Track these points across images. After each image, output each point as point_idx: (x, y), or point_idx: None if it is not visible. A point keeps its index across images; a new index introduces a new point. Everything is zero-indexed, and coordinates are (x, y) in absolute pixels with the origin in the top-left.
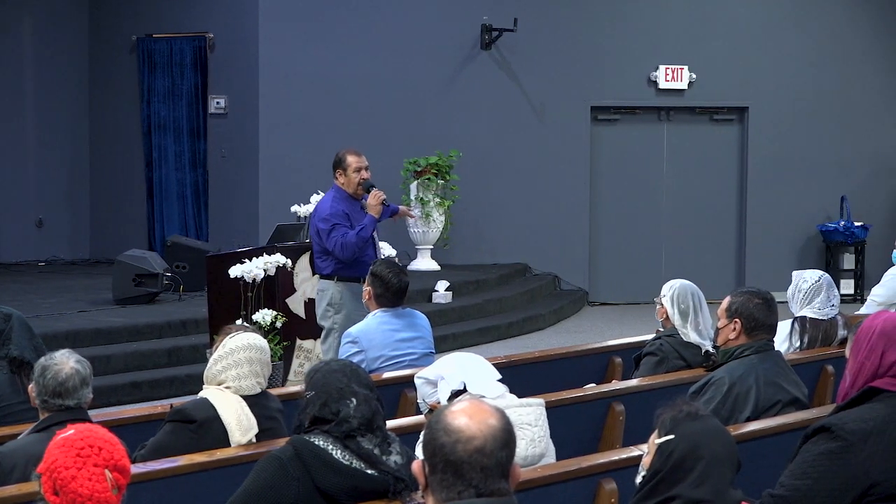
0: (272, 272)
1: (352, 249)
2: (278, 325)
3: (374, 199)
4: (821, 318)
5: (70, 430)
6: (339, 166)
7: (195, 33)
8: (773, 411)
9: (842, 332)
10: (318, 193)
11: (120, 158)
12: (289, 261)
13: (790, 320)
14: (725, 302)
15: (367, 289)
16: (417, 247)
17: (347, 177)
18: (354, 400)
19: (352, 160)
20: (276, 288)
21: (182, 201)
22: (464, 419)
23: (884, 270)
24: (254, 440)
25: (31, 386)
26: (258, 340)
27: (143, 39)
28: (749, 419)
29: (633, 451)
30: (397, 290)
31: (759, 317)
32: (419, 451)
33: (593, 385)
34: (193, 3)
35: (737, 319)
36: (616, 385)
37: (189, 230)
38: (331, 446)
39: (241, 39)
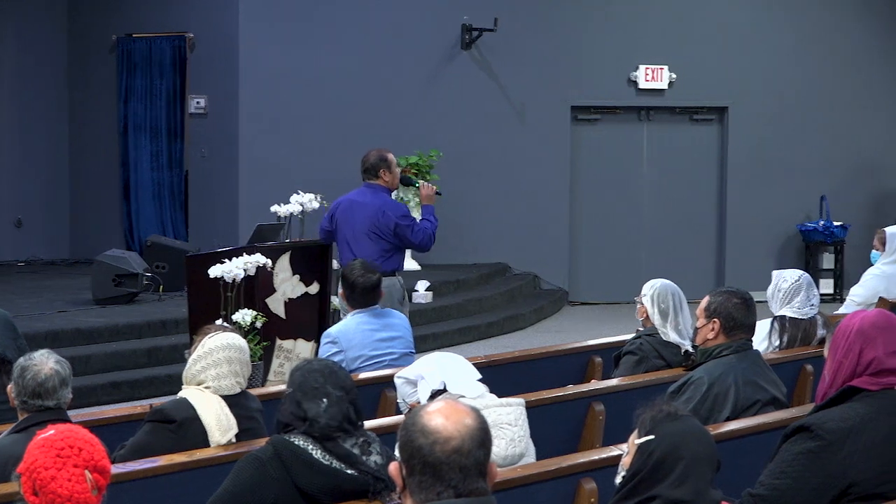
0: (252, 272)
1: (433, 239)
2: (258, 325)
3: (428, 189)
4: (800, 317)
5: (50, 431)
6: (382, 165)
7: (175, 33)
8: (752, 411)
9: (821, 332)
10: (299, 193)
11: (99, 158)
12: (269, 261)
13: (770, 319)
14: (704, 302)
15: (339, 291)
16: None
17: (392, 173)
18: (326, 401)
19: (393, 158)
20: (255, 288)
21: (159, 201)
22: (440, 420)
23: (863, 270)
24: (233, 440)
25: (10, 386)
26: (237, 340)
27: (123, 39)
28: (728, 419)
29: (613, 451)
30: (363, 290)
31: (737, 316)
32: (397, 453)
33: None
34: (173, 3)
35: (715, 319)
36: (596, 385)
37: (167, 230)
38: (311, 446)
39: (221, 39)
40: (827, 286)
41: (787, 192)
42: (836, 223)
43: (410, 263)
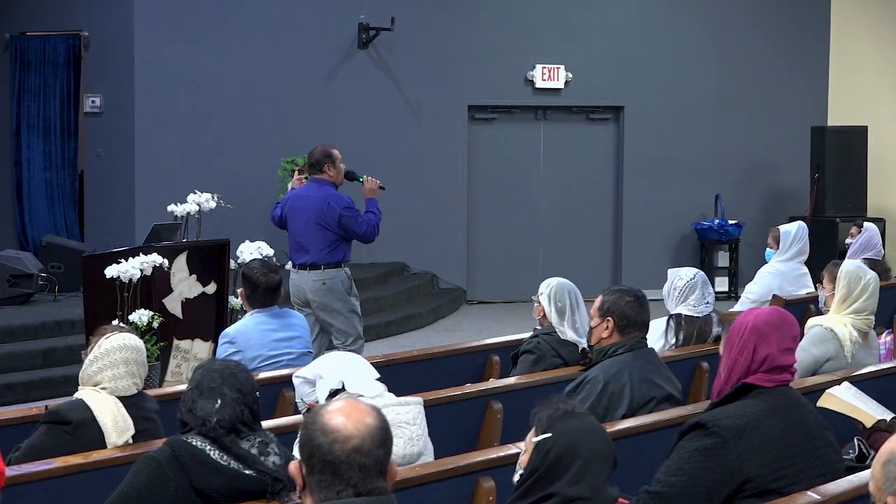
0: (149, 272)
1: (377, 229)
2: (155, 325)
3: (371, 184)
4: (696, 315)
5: None
6: (327, 160)
7: (70, 31)
8: (648, 408)
9: (716, 330)
10: (196, 193)
11: None
12: (165, 261)
13: (666, 318)
14: (598, 301)
15: (239, 290)
16: None
17: (337, 168)
18: (220, 401)
19: (338, 154)
20: (152, 288)
21: (52, 201)
22: (340, 419)
23: (757, 268)
24: (130, 441)
25: None
26: (134, 341)
27: (17, 37)
28: (624, 416)
29: (511, 449)
30: (266, 290)
31: (631, 315)
32: (296, 452)
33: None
34: (68, 1)
35: (609, 318)
36: (494, 383)
37: (60, 230)
38: (208, 447)
39: (116, 38)
40: (722, 284)
41: (683, 190)
42: (730, 221)
43: None
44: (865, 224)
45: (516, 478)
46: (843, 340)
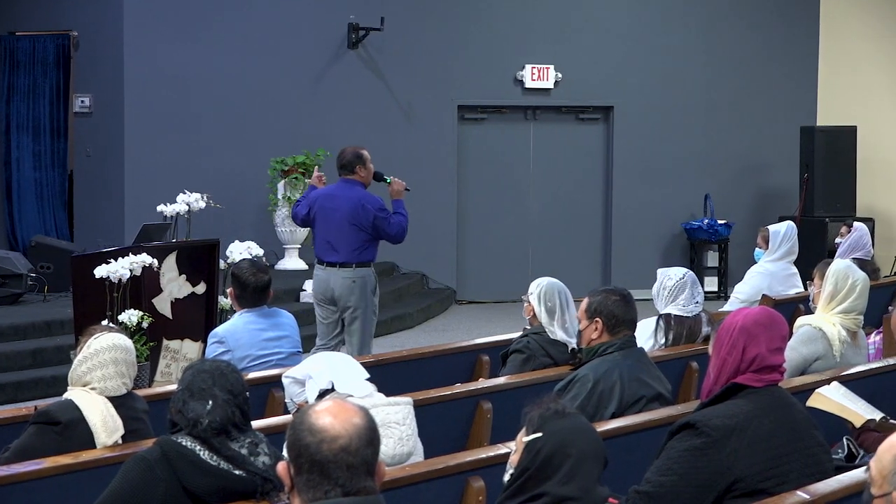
0: (138, 272)
1: (406, 231)
2: (144, 325)
3: (398, 185)
4: (685, 315)
5: None
6: (359, 162)
7: (59, 31)
8: (638, 407)
9: (706, 329)
10: (185, 193)
11: None
12: (155, 261)
13: (655, 318)
14: (584, 304)
15: (228, 290)
16: (285, 246)
17: (367, 169)
18: (211, 403)
19: (368, 155)
20: (142, 288)
21: (42, 201)
22: (328, 418)
23: (746, 268)
24: (120, 441)
25: None
26: (123, 341)
27: (6, 37)
28: (614, 414)
29: (501, 449)
30: (255, 290)
31: (619, 313)
32: (285, 452)
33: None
34: (57, 1)
35: (598, 319)
36: (483, 383)
37: (50, 230)
38: (198, 447)
39: (105, 38)
40: (711, 284)
41: (672, 190)
42: (720, 221)
43: (298, 263)
44: (855, 224)
45: (506, 477)
46: (832, 340)
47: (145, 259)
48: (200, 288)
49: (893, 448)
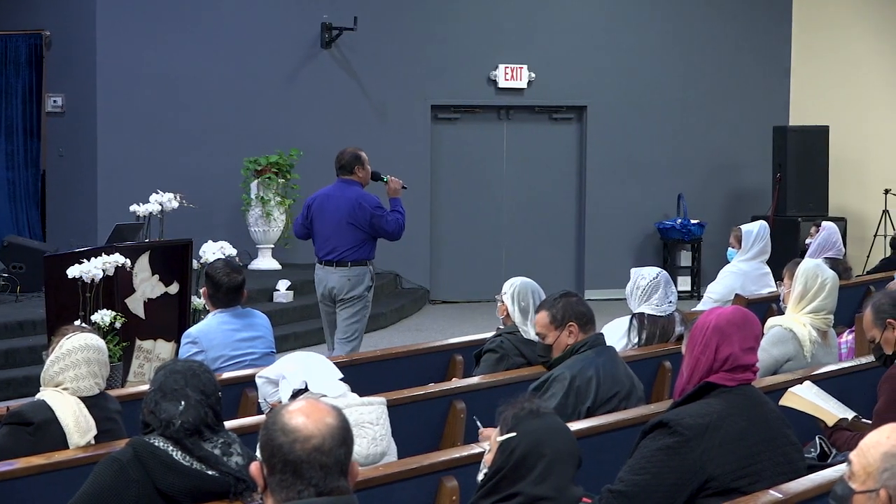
0: (111, 272)
1: (403, 228)
2: (117, 325)
3: (395, 184)
4: (659, 314)
5: None
6: (357, 162)
7: (31, 31)
8: (612, 403)
9: (679, 329)
10: (158, 193)
11: None
12: (128, 261)
13: (628, 317)
14: (545, 317)
15: (202, 290)
16: (258, 246)
17: (365, 169)
18: (184, 403)
19: (365, 156)
20: (115, 288)
21: (14, 201)
22: (301, 418)
23: (719, 267)
24: (92, 441)
25: None
26: (96, 341)
27: None
28: (590, 409)
29: (475, 449)
30: (228, 290)
31: (584, 311)
32: (258, 453)
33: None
34: (30, 1)
35: (571, 323)
36: (457, 383)
37: (23, 230)
38: (170, 447)
39: (78, 37)
40: (685, 283)
41: (645, 190)
42: (693, 221)
43: (271, 263)
44: (824, 223)
45: (480, 477)
46: (803, 341)
47: (118, 259)
48: (173, 288)
49: (881, 445)
